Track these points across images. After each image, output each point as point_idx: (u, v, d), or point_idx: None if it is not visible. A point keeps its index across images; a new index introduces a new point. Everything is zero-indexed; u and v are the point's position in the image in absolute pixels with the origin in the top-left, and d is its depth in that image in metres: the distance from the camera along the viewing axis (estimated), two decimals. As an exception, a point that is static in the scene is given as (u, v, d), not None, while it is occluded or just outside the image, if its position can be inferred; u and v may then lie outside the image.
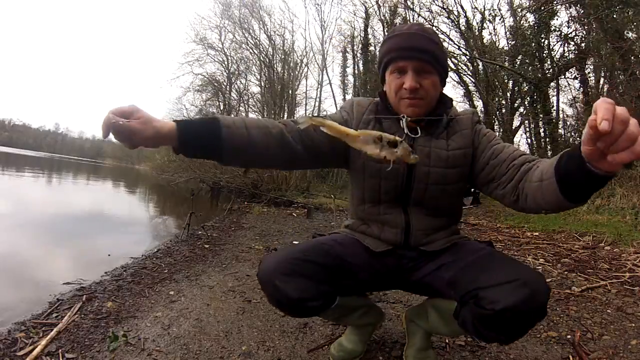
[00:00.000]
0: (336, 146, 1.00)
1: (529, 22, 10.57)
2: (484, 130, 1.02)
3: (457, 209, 1.11)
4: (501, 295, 0.77)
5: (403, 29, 0.96)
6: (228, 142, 0.85)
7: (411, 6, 12.38)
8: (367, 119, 1.03)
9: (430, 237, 1.03)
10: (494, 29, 12.27)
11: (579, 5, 8.59)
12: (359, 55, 15.57)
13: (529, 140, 11.84)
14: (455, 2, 11.67)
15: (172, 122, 0.80)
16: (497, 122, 12.54)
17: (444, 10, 12.11)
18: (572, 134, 9.62)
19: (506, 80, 11.86)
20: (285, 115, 14.63)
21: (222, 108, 17.17)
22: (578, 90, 9.63)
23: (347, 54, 16.52)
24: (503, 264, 0.86)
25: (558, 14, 9.55)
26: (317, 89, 16.58)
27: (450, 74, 13.52)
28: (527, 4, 10.41)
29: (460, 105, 14.96)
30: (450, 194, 1.01)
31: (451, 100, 1.05)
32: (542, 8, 9.29)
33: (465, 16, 11.99)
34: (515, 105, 12.17)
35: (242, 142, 0.87)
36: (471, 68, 12.92)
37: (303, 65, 16.03)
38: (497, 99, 12.36)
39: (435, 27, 12.44)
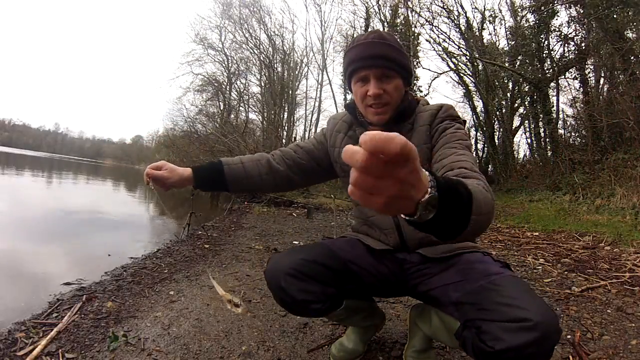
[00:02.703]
0: (319, 161, 1.16)
1: (529, 22, 10.58)
2: (449, 130, 0.97)
3: None
4: (505, 334, 0.71)
5: (361, 39, 1.00)
6: (229, 176, 1.12)
7: (411, 6, 12.38)
8: (339, 128, 1.15)
9: (424, 234, 1.01)
10: (494, 29, 12.28)
11: (579, 5, 8.60)
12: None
13: (529, 140, 11.87)
14: (455, 2, 11.69)
15: (189, 168, 1.10)
16: (497, 122, 12.56)
17: (444, 10, 12.11)
18: (572, 134, 9.64)
19: (506, 81, 11.88)
20: (285, 116, 14.63)
21: (222, 108, 17.19)
22: (578, 90, 9.65)
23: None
24: (515, 296, 0.77)
25: (558, 14, 9.55)
26: (317, 89, 16.62)
27: (450, 74, 13.56)
28: (527, 4, 10.41)
29: (460, 105, 14.98)
30: None
31: (414, 98, 1.08)
32: (542, 8, 9.30)
33: (466, 16, 12.01)
34: (515, 105, 12.18)
35: (239, 174, 1.13)
36: (471, 68, 12.92)
37: (303, 65, 16.06)
38: (497, 99, 12.36)
39: (435, 27, 12.46)
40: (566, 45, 9.58)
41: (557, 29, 9.65)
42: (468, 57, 12.47)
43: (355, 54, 0.99)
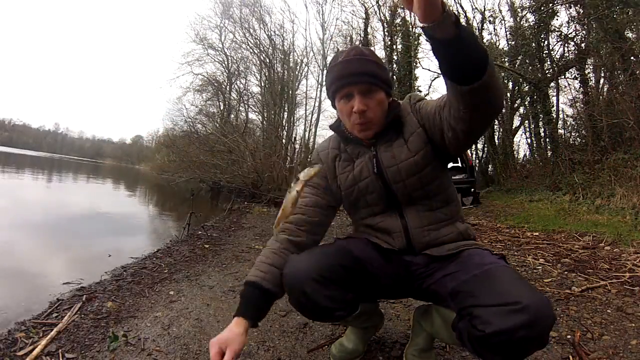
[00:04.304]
0: (329, 204, 1.13)
1: (529, 22, 10.58)
2: (422, 105, 1.04)
3: (448, 195, 1.07)
4: (495, 317, 0.73)
5: (342, 57, 1.00)
6: (275, 287, 1.00)
7: (411, 6, 12.35)
8: (332, 156, 1.13)
9: (432, 234, 1.03)
10: (494, 29, 12.27)
11: (579, 5, 8.59)
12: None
13: (529, 140, 11.86)
14: (455, 2, 11.66)
15: (241, 318, 0.95)
16: (497, 122, 12.54)
17: (444, 10, 12.08)
18: (572, 134, 9.63)
19: (506, 81, 11.86)
20: (285, 116, 14.63)
21: (222, 108, 17.19)
22: (578, 90, 9.63)
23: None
24: (507, 282, 0.81)
25: (558, 14, 9.55)
26: (317, 89, 16.56)
27: (450, 74, 13.52)
28: (527, 4, 10.41)
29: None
30: (429, 179, 1.02)
31: (398, 103, 1.08)
32: (542, 8, 9.30)
33: (465, 16, 11.98)
34: (515, 105, 12.16)
35: (279, 277, 1.00)
36: (471, 68, 12.87)
37: (303, 65, 16.03)
38: (497, 99, 12.31)
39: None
40: (566, 45, 9.58)
41: (557, 29, 9.65)
42: (468, 57, 12.44)
43: (337, 71, 0.99)
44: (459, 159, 8.69)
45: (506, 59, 11.29)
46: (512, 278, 0.83)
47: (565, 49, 9.67)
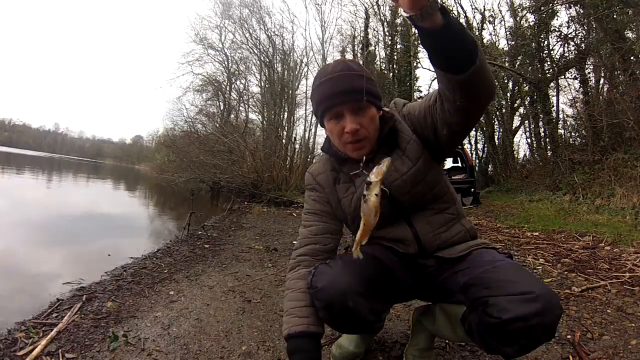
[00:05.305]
0: (337, 228, 1.12)
1: (529, 22, 10.57)
2: (409, 109, 1.03)
3: (451, 193, 1.08)
4: (511, 305, 0.76)
5: (328, 73, 0.95)
6: (322, 329, 0.97)
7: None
8: (332, 180, 1.09)
9: (443, 235, 1.03)
10: (494, 29, 12.26)
11: (579, 5, 8.58)
12: (359, 55, 15.55)
13: (529, 140, 11.86)
14: (455, 2, 11.66)
15: None
16: (497, 122, 12.55)
17: (443, 10, 12.07)
18: (572, 134, 9.63)
19: (506, 81, 11.85)
20: (285, 116, 14.63)
21: (222, 108, 17.17)
22: (578, 90, 9.61)
23: (346, 54, 16.48)
24: (519, 276, 0.84)
25: (558, 14, 9.54)
26: (317, 89, 16.50)
27: (450, 74, 13.52)
28: (527, 4, 10.40)
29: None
30: (434, 182, 1.02)
31: (391, 114, 1.03)
32: (542, 8, 9.29)
33: (465, 16, 11.98)
34: (515, 105, 12.16)
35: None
36: (471, 68, 12.86)
37: (303, 65, 16.01)
38: (497, 99, 12.34)
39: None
40: (566, 45, 9.56)
41: (557, 29, 9.64)
42: (468, 57, 12.42)
43: (325, 90, 0.94)
44: (459, 158, 8.71)
45: (506, 59, 11.28)
46: (523, 272, 0.87)
47: (565, 49, 9.66)
